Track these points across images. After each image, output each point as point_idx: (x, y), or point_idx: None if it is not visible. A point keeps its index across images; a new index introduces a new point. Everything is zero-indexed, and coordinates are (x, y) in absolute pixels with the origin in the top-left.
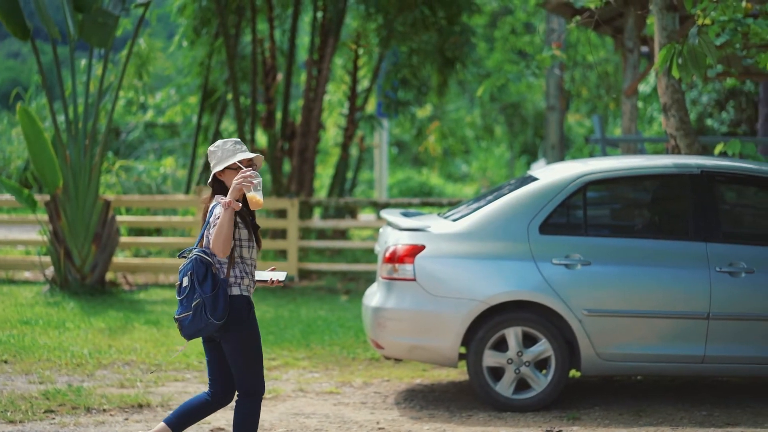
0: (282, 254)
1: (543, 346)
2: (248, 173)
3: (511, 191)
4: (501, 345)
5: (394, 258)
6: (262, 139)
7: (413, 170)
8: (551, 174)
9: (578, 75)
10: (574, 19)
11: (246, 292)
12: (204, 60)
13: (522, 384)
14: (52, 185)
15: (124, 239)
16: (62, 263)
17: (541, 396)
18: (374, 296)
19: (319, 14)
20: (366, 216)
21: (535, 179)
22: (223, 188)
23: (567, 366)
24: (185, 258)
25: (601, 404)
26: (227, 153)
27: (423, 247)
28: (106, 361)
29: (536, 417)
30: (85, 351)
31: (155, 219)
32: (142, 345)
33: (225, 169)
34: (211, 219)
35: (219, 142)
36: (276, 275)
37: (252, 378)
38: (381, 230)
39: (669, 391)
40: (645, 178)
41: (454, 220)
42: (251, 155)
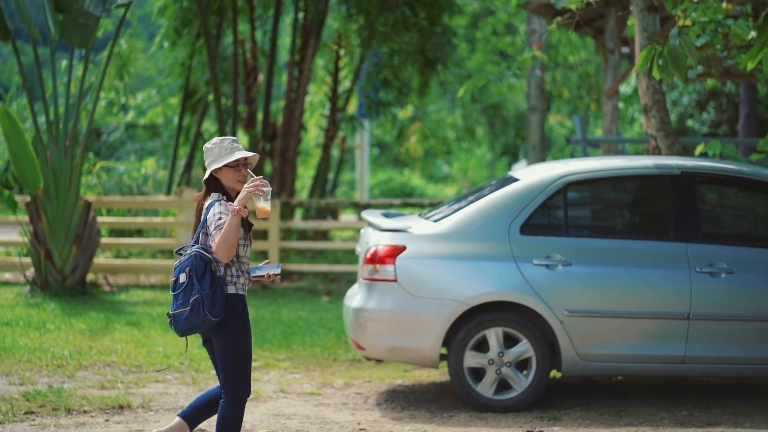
0: (263, 255)
1: (524, 347)
2: (260, 182)
3: (492, 192)
4: (482, 346)
5: (375, 259)
6: (244, 140)
7: (394, 171)
8: (532, 175)
9: (559, 76)
10: (555, 20)
11: (241, 291)
12: (185, 61)
13: (503, 384)
14: (33, 186)
15: (105, 240)
16: (43, 264)
17: (522, 396)
18: (355, 297)
19: (301, 15)
20: (347, 217)
21: (516, 180)
22: (219, 186)
23: (548, 366)
24: (180, 255)
25: (582, 405)
26: (225, 150)
27: (404, 248)
28: (87, 363)
29: (517, 417)
30: (66, 352)
31: (136, 220)
32: (123, 346)
33: (223, 167)
34: (209, 217)
35: (216, 140)
36: (271, 269)
37: (239, 378)
38: (362, 231)
39: (650, 392)
40: (625, 179)
41: (435, 221)
42: (249, 153)
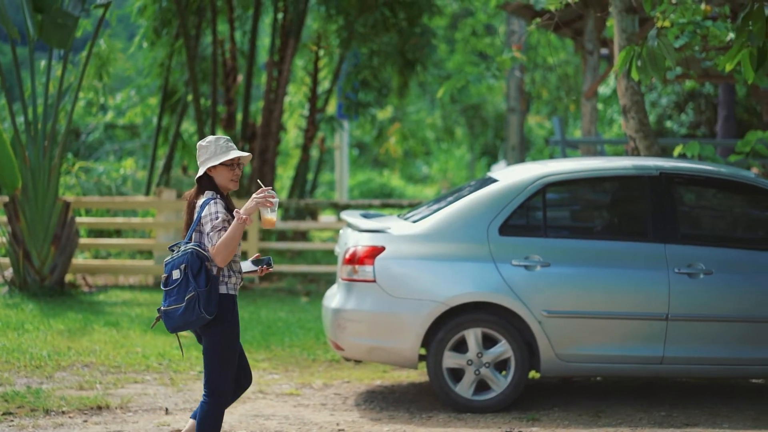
0: (242, 255)
1: (503, 347)
2: (269, 192)
3: (471, 193)
4: (461, 346)
5: (354, 259)
6: None
7: (374, 172)
8: (511, 175)
9: (539, 77)
10: (534, 21)
11: (233, 291)
12: (164, 61)
13: (482, 385)
14: (11, 186)
15: (84, 241)
16: (21, 265)
17: (501, 397)
18: (334, 297)
19: (280, 15)
20: (326, 217)
21: (495, 181)
22: (212, 184)
23: (526, 367)
24: (172, 251)
25: (561, 405)
26: (221, 149)
27: (383, 249)
28: (66, 363)
29: (496, 418)
30: (44, 353)
31: (115, 220)
32: (102, 347)
33: (218, 166)
34: (204, 215)
35: (211, 138)
36: (263, 262)
37: (222, 378)
38: (341, 232)
39: (628, 392)
40: (604, 180)
41: (414, 222)
42: (244, 153)
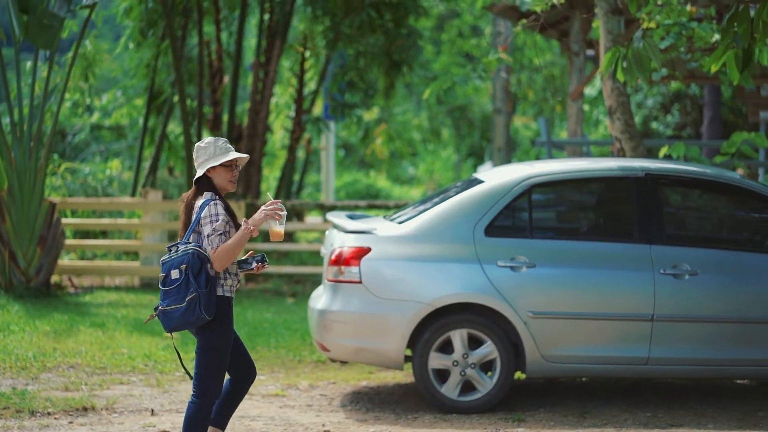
0: None
1: (488, 348)
2: (277, 205)
3: (457, 194)
4: (446, 347)
5: (340, 260)
6: None
7: (360, 173)
8: (497, 177)
9: (525, 78)
10: (520, 23)
11: (228, 293)
12: (150, 62)
13: (467, 386)
14: None
15: (70, 242)
16: (7, 266)
17: (487, 398)
18: (320, 299)
19: (266, 16)
20: (312, 218)
21: (481, 182)
22: (211, 185)
23: (512, 368)
24: (170, 252)
25: (546, 406)
26: (220, 150)
27: (369, 250)
28: (51, 364)
29: (481, 419)
30: (30, 354)
31: (101, 221)
32: (87, 348)
33: (217, 167)
34: (203, 216)
35: (210, 139)
36: (257, 259)
37: (211, 379)
38: (327, 233)
39: (614, 393)
40: (590, 181)
41: (400, 223)
42: (243, 155)
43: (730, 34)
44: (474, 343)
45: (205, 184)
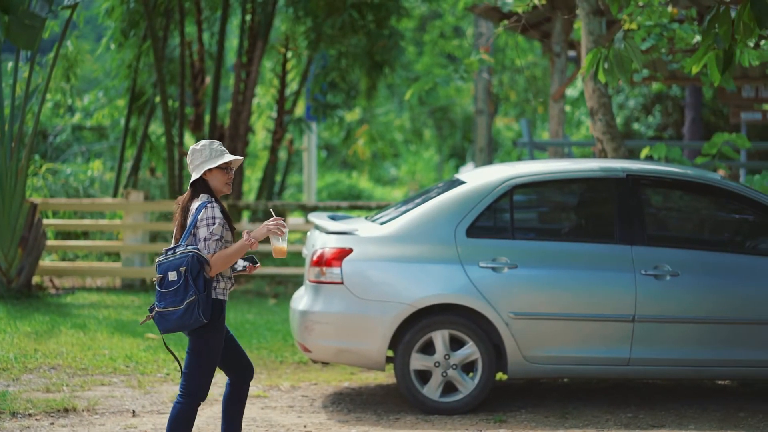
0: None
1: (470, 349)
2: (280, 221)
3: (439, 195)
4: (428, 348)
5: (322, 261)
6: (191, 142)
7: (342, 173)
8: (478, 177)
9: (506, 79)
10: (502, 23)
11: (221, 296)
12: (132, 62)
13: (449, 387)
14: None
15: (51, 242)
16: None
17: (468, 399)
18: (302, 299)
19: (248, 17)
20: (294, 219)
21: (463, 183)
22: (207, 187)
23: (494, 369)
24: (166, 254)
25: (528, 407)
26: (216, 153)
27: (350, 251)
28: (32, 366)
29: (463, 420)
30: (11, 355)
31: (82, 222)
32: (69, 349)
33: (213, 169)
34: (200, 218)
35: (205, 142)
36: (249, 261)
37: (200, 381)
38: (308, 234)
39: (595, 394)
40: (571, 182)
41: (382, 224)
42: (239, 157)
43: (711, 36)
44: (455, 344)
45: (201, 187)
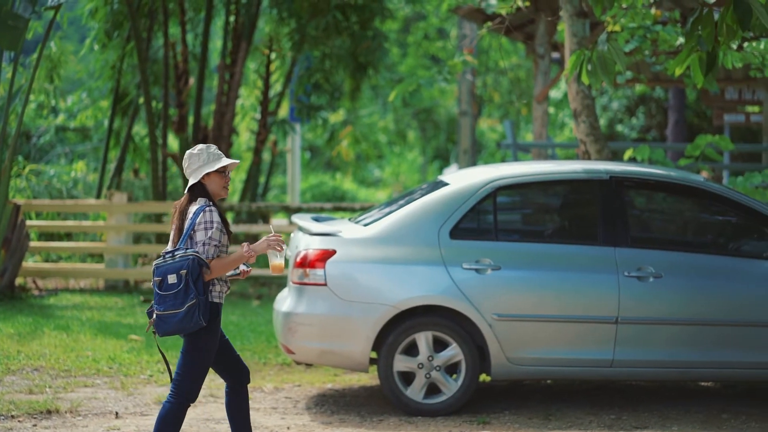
0: None
1: (453, 351)
2: (280, 238)
3: (422, 196)
4: (412, 350)
5: (305, 263)
6: (174, 144)
7: (326, 175)
8: (462, 179)
9: (490, 80)
10: (486, 25)
11: (217, 299)
12: (116, 63)
13: (432, 388)
14: None
15: (34, 244)
16: None
17: (452, 400)
18: (285, 301)
19: (232, 18)
20: (278, 220)
21: (446, 184)
22: (204, 191)
23: (477, 370)
24: (164, 257)
25: (511, 408)
26: (213, 156)
27: (334, 252)
28: (15, 367)
29: (447, 421)
30: None
31: (66, 223)
32: (52, 350)
33: (211, 173)
34: (198, 222)
35: (201, 146)
36: (242, 266)
37: (192, 383)
38: (292, 235)
39: (578, 395)
40: (555, 184)
41: (365, 225)
42: (235, 161)
43: (695, 38)
44: (439, 346)
45: (199, 191)
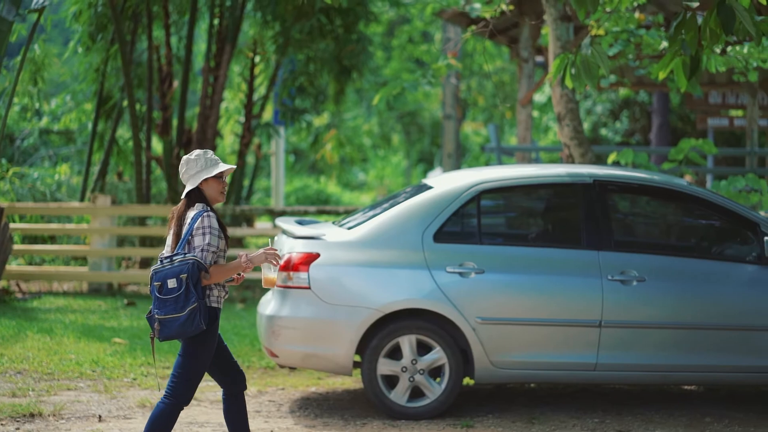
0: None
1: (437, 354)
2: (276, 252)
3: (406, 200)
4: (395, 353)
5: (289, 266)
6: (158, 147)
7: (310, 178)
8: (445, 183)
9: (474, 84)
10: (470, 29)
11: (215, 304)
12: (99, 66)
13: (416, 392)
14: None
15: (18, 247)
16: None
17: (435, 404)
18: (269, 304)
19: (216, 21)
20: (262, 224)
21: (430, 188)
22: (202, 196)
23: (461, 374)
24: (162, 262)
25: (495, 412)
26: (211, 162)
27: (318, 255)
28: None
29: (430, 425)
30: None
31: (49, 226)
32: (35, 354)
33: (209, 179)
34: (197, 227)
35: (199, 152)
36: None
37: (187, 386)
38: (276, 238)
39: (562, 399)
40: (538, 187)
41: (349, 229)
42: (232, 166)
43: (678, 42)
44: (423, 349)
45: (196, 196)
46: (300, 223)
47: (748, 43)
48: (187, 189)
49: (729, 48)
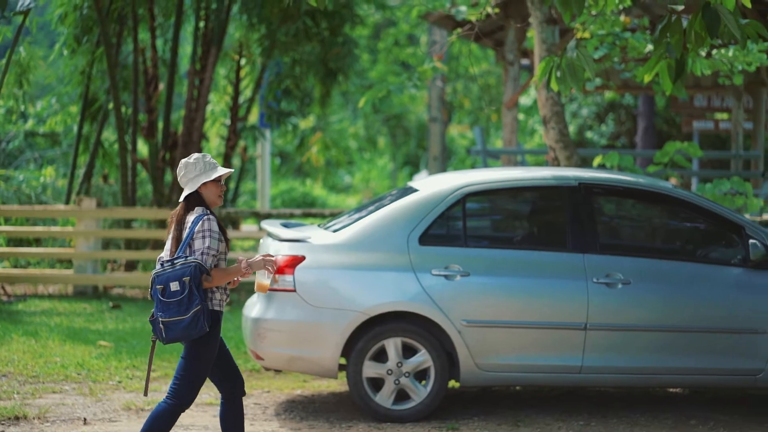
0: None
1: (422, 357)
2: (273, 259)
3: (392, 202)
4: (381, 356)
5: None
6: (144, 149)
7: (296, 181)
8: (431, 185)
9: (460, 87)
10: (456, 32)
11: (217, 307)
12: (85, 69)
13: (402, 395)
14: None
15: (3, 249)
16: None
17: (421, 407)
18: (254, 307)
19: (202, 24)
20: (248, 227)
21: (416, 190)
22: (201, 200)
23: (446, 377)
24: (163, 266)
25: (480, 414)
26: (210, 166)
27: (303, 258)
28: None
29: (415, 427)
30: None
31: (35, 229)
32: (20, 356)
33: (208, 182)
34: (197, 230)
35: (197, 156)
36: None
37: (189, 388)
38: (261, 241)
39: (547, 402)
40: (524, 190)
41: (335, 231)
42: (230, 170)
43: (663, 45)
44: (408, 352)
45: (195, 200)
46: (285, 226)
47: (733, 46)
48: (186, 192)
49: (714, 51)
